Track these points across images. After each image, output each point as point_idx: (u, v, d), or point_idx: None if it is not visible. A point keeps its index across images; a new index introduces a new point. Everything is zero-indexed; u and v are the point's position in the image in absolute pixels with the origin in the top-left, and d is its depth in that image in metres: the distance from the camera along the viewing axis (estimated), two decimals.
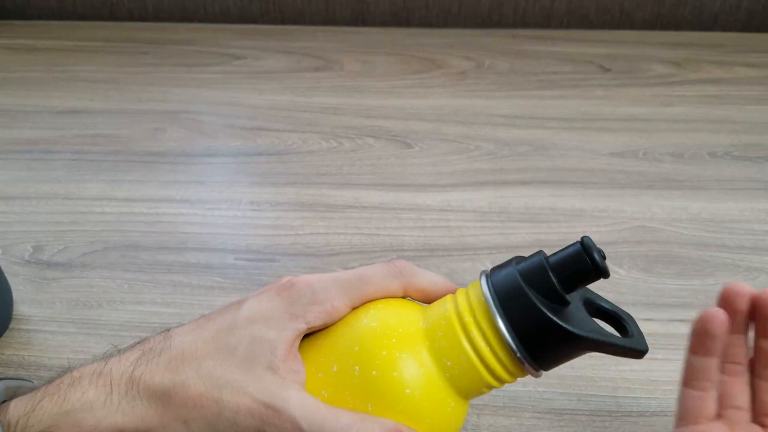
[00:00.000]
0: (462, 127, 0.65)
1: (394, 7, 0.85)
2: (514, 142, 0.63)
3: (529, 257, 0.29)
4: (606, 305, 0.32)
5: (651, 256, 0.51)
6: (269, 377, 0.28)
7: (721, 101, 0.69)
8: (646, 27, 0.84)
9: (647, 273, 0.49)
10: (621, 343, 0.28)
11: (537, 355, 0.28)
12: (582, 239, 0.28)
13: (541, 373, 0.29)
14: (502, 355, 0.28)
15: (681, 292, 0.48)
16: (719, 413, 0.32)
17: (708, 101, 0.69)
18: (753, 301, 0.32)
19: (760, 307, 0.32)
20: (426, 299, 0.32)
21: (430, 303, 0.31)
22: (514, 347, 0.28)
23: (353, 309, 0.31)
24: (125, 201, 0.57)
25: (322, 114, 0.68)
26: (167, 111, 0.68)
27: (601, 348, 0.28)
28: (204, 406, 0.28)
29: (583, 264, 0.28)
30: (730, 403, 0.32)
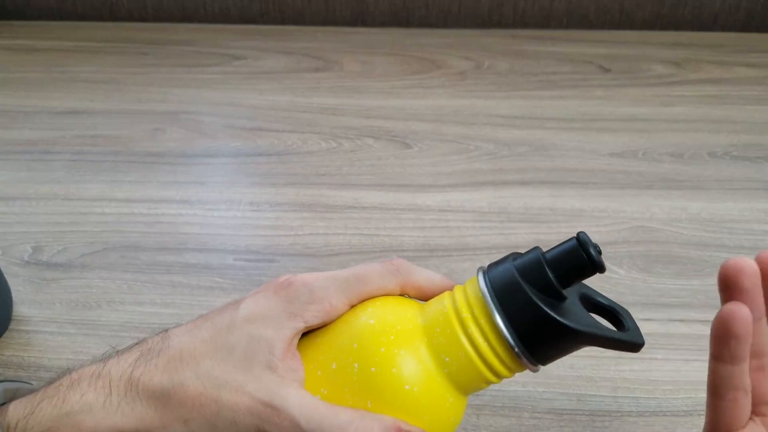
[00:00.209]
0: (461, 128, 0.65)
1: (393, 8, 0.85)
2: (513, 142, 0.63)
3: (526, 253, 0.29)
4: (602, 300, 0.32)
5: (650, 256, 0.51)
6: (268, 376, 0.28)
7: (721, 101, 0.69)
8: (645, 27, 0.84)
9: (647, 273, 0.49)
10: (617, 337, 0.28)
11: (534, 350, 0.28)
12: (578, 234, 0.28)
13: (539, 368, 0.29)
14: (499, 351, 0.28)
15: (680, 292, 0.48)
16: (753, 412, 0.28)
17: (708, 101, 0.69)
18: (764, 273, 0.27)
19: None
20: (423, 296, 0.32)
21: (427, 300, 0.31)
22: (511, 342, 0.28)
23: (351, 307, 0.31)
24: (125, 201, 0.57)
25: (321, 114, 0.68)
26: (167, 111, 0.68)
27: (598, 342, 0.28)
28: (203, 405, 0.28)
29: (579, 259, 0.28)
30: (763, 400, 0.28)
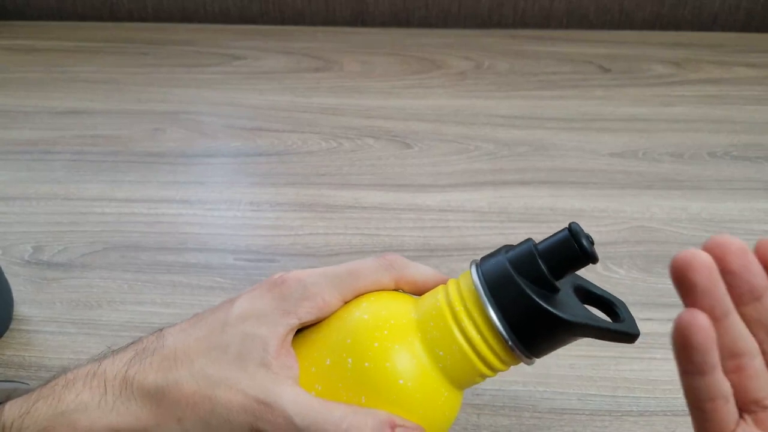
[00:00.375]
0: (461, 128, 0.65)
1: (393, 8, 0.85)
2: (513, 142, 0.63)
3: (518, 245, 0.29)
4: (597, 291, 0.31)
5: (650, 256, 0.51)
6: (262, 373, 0.28)
7: (721, 101, 0.69)
8: (645, 27, 0.84)
9: (647, 273, 0.49)
10: (612, 328, 0.28)
11: (528, 343, 0.28)
12: (570, 225, 0.28)
13: (534, 361, 0.29)
14: (493, 344, 0.28)
15: None
16: (743, 410, 0.25)
17: (708, 101, 0.69)
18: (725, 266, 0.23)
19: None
20: (417, 291, 0.32)
21: (421, 295, 0.31)
22: (505, 335, 0.27)
23: (345, 303, 0.31)
24: (125, 201, 0.57)
25: (321, 114, 0.68)
26: (167, 111, 0.68)
27: (592, 333, 0.28)
28: (197, 404, 0.28)
29: (572, 250, 0.28)
30: (750, 399, 0.25)
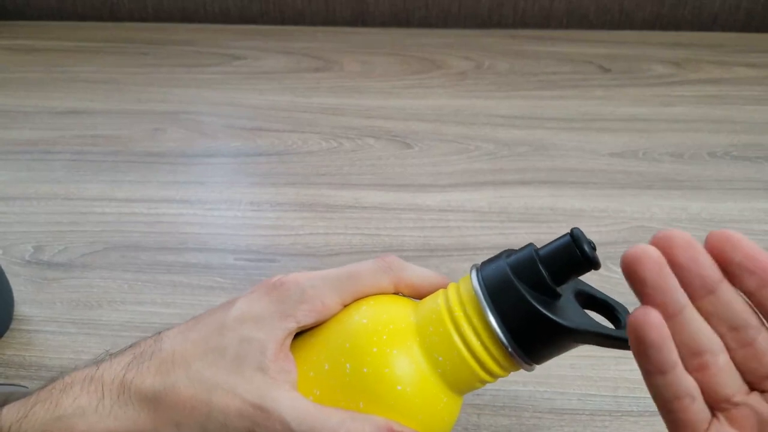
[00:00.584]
0: (462, 128, 0.65)
1: (393, 8, 0.85)
2: (513, 142, 0.63)
3: (519, 250, 0.29)
4: (598, 295, 0.31)
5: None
6: (259, 378, 0.28)
7: (721, 101, 0.69)
8: (645, 27, 0.84)
9: None
10: (613, 335, 0.27)
11: (528, 349, 0.27)
12: (571, 230, 0.28)
13: (534, 367, 0.28)
14: (493, 350, 0.28)
15: None
16: (715, 409, 0.25)
17: (708, 101, 0.69)
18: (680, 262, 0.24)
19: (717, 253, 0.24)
20: (417, 294, 0.31)
21: (421, 298, 0.31)
22: (505, 341, 0.27)
23: (344, 306, 0.30)
24: (125, 201, 0.57)
25: (322, 114, 0.68)
26: (167, 111, 0.68)
27: (592, 340, 0.27)
28: (194, 408, 0.27)
29: (573, 256, 0.27)
30: (720, 398, 0.24)
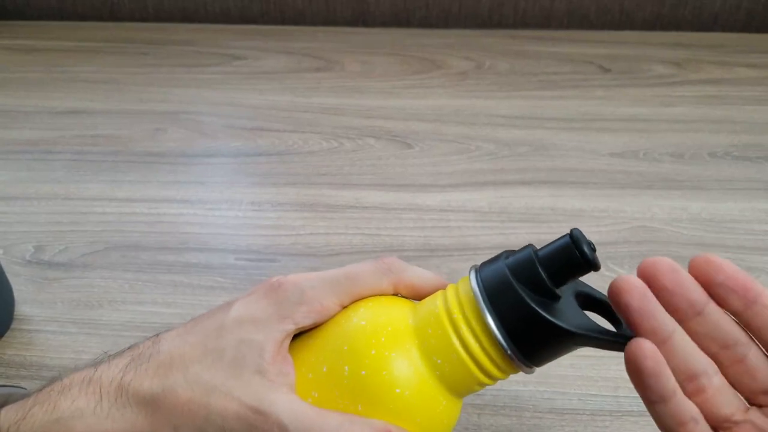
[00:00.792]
0: (462, 128, 0.65)
1: (394, 8, 0.85)
2: (514, 142, 0.63)
3: (519, 251, 0.29)
4: (598, 295, 0.30)
5: (651, 256, 0.51)
6: (257, 380, 0.27)
7: (721, 101, 0.69)
8: (646, 27, 0.84)
9: None
10: (612, 338, 0.27)
11: (527, 351, 0.27)
12: (571, 231, 0.27)
13: (534, 370, 0.28)
14: (491, 352, 0.27)
15: None
16: (718, 428, 0.26)
17: (708, 101, 0.69)
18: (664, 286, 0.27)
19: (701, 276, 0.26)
20: (416, 296, 0.31)
21: (420, 299, 0.31)
22: (503, 344, 0.27)
23: (343, 307, 0.30)
24: (125, 201, 0.57)
25: (322, 114, 0.68)
26: (167, 111, 0.68)
27: (591, 342, 0.27)
28: (192, 411, 0.27)
29: (573, 257, 0.27)
30: (721, 418, 0.26)
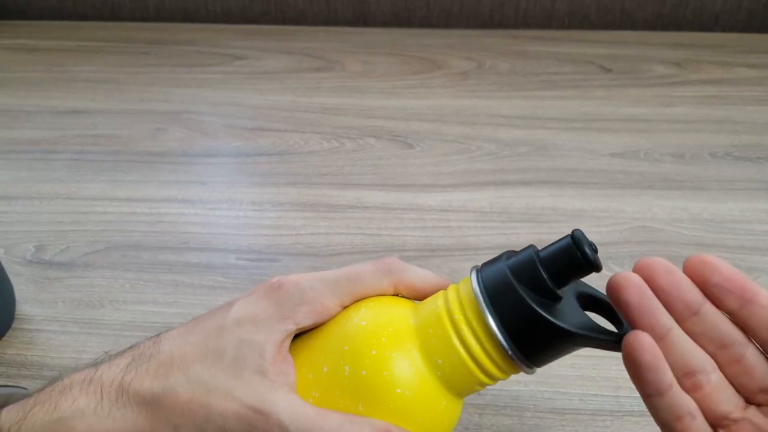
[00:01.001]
0: (463, 128, 0.65)
1: (395, 8, 0.85)
2: (514, 142, 0.63)
3: (520, 252, 0.29)
4: (599, 296, 0.30)
5: (652, 256, 0.51)
6: (257, 380, 0.27)
7: (722, 102, 0.69)
8: (647, 27, 0.84)
9: None
10: (613, 339, 0.27)
11: (528, 352, 0.27)
12: (573, 232, 0.27)
13: (535, 370, 0.28)
14: (492, 353, 0.27)
15: None
16: (716, 426, 0.26)
17: (709, 102, 0.69)
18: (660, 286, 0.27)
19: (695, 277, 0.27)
20: (417, 296, 0.31)
21: (421, 300, 0.31)
22: (504, 344, 0.27)
23: (344, 307, 0.30)
24: (126, 201, 0.57)
25: (323, 114, 0.68)
26: (168, 111, 0.68)
27: (592, 343, 0.27)
28: (192, 411, 0.27)
29: (574, 258, 0.27)
30: (719, 415, 0.26)
